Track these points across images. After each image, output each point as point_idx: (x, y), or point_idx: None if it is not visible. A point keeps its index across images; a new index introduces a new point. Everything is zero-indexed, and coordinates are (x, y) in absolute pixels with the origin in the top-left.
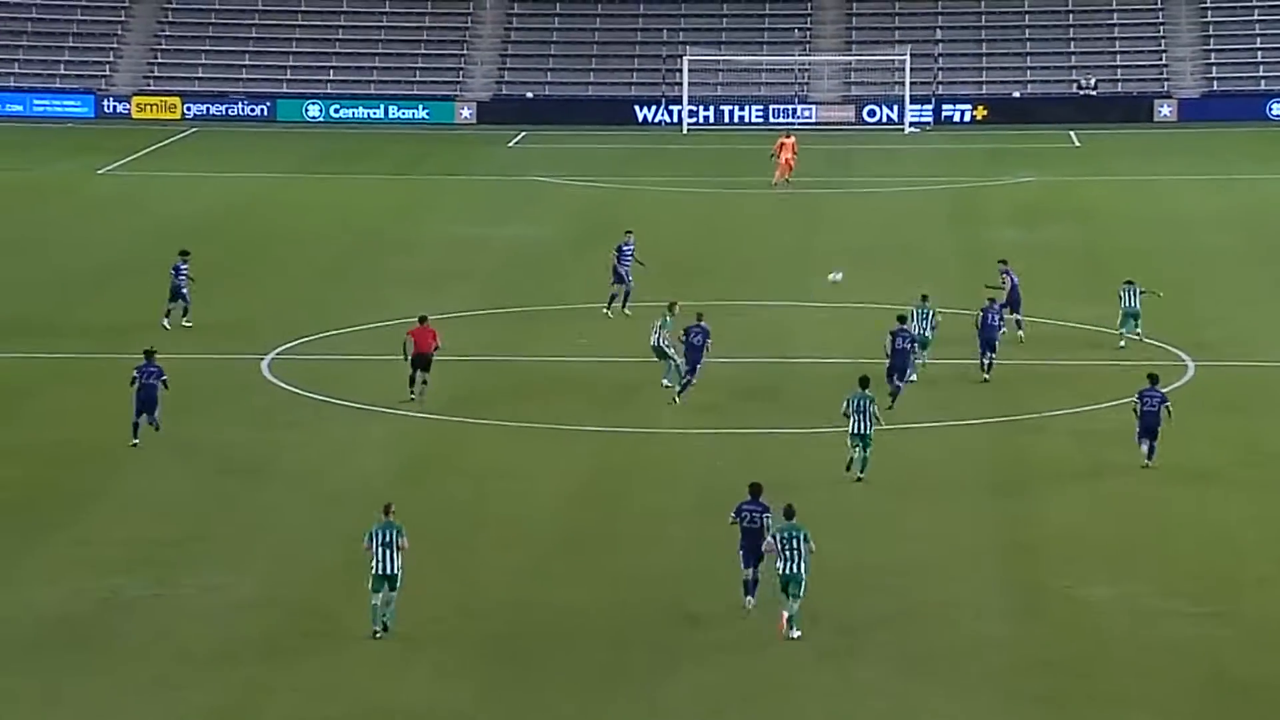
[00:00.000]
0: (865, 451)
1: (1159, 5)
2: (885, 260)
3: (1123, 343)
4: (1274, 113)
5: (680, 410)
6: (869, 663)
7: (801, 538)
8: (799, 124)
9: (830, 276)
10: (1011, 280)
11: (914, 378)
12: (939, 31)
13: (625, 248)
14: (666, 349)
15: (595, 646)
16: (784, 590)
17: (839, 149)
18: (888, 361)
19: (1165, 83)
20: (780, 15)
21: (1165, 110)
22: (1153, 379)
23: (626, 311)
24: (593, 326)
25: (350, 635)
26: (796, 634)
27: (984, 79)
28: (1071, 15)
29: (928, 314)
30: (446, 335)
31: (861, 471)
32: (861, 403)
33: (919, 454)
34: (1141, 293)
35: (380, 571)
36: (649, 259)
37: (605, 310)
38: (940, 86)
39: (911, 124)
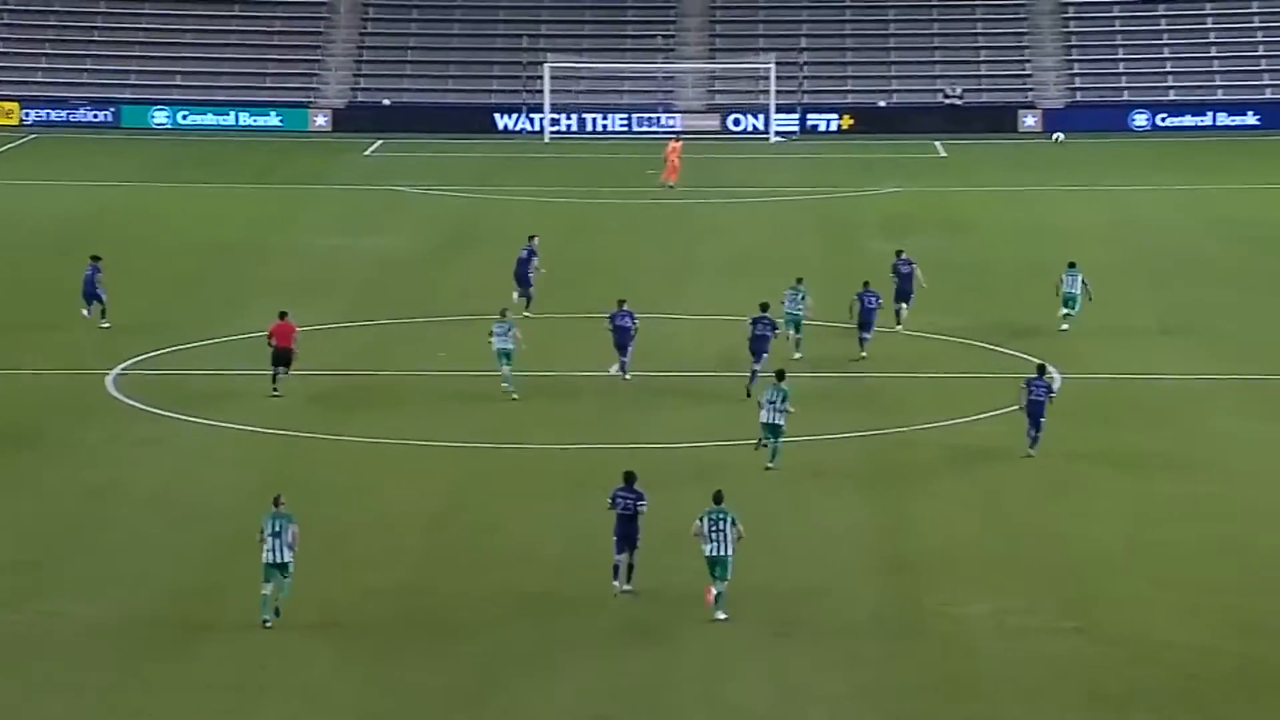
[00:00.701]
0: (776, 441)
1: (1023, 16)
2: (755, 270)
3: (1065, 325)
4: (1136, 124)
5: (549, 423)
6: (744, 682)
7: (729, 521)
8: (665, 132)
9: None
10: (906, 270)
11: (799, 355)
12: (804, 40)
13: (526, 251)
14: (507, 350)
15: (471, 639)
16: (711, 571)
17: (704, 158)
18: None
19: (1029, 93)
20: (643, 22)
21: (1030, 120)
22: (1040, 369)
23: (527, 313)
24: (453, 338)
25: (207, 656)
26: (722, 615)
27: (850, 88)
28: (936, 25)
29: (801, 296)
30: (305, 349)
31: (771, 460)
32: (774, 394)
33: (791, 470)
34: (1085, 285)
35: (270, 561)
36: (509, 269)
37: (525, 314)
38: (806, 96)
39: (777, 133)
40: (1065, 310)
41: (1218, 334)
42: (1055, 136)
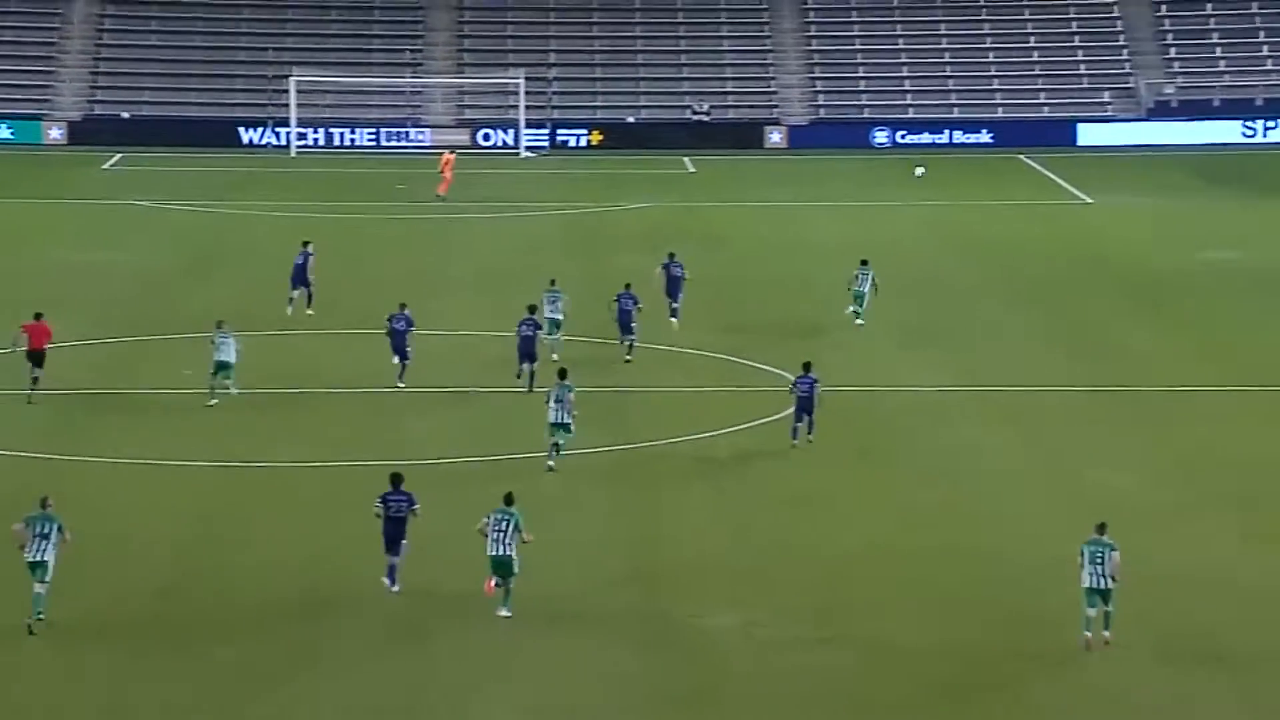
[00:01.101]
0: (566, 436)
1: (767, 35)
2: (506, 285)
3: (859, 320)
4: (877, 140)
5: (298, 443)
6: (494, 703)
7: (512, 523)
8: (414, 147)
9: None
10: (673, 272)
11: (556, 356)
12: (553, 55)
13: (302, 256)
14: (226, 362)
15: (226, 646)
16: (494, 570)
17: (455, 173)
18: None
19: (775, 110)
20: (389, 36)
21: (775, 137)
22: (806, 366)
23: (309, 311)
24: (196, 356)
25: None
26: (505, 612)
27: (599, 104)
28: (684, 42)
29: (557, 299)
30: (47, 367)
31: (559, 454)
32: (561, 393)
33: (539, 484)
34: (875, 284)
35: (32, 559)
36: (262, 284)
37: (307, 311)
38: (555, 111)
39: (527, 148)
40: (854, 307)
41: (956, 347)
42: (917, 171)
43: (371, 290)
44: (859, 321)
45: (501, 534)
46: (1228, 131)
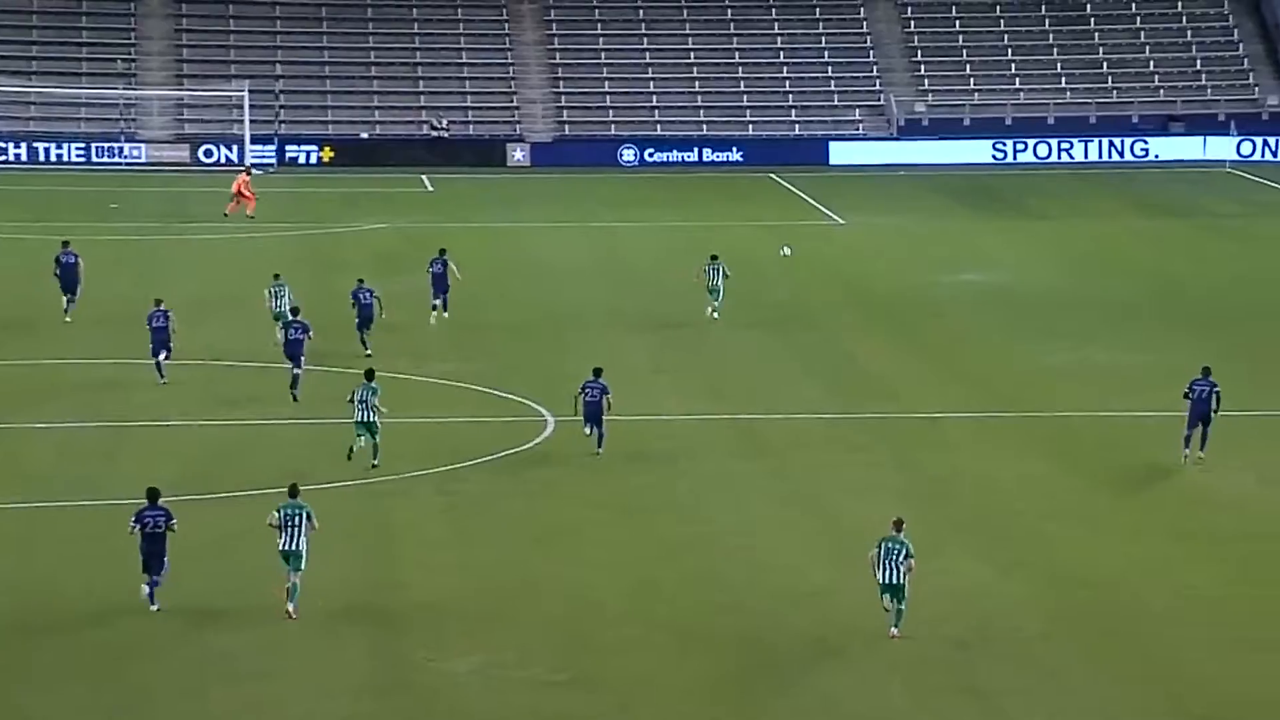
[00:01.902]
0: (375, 438)
1: (508, 45)
2: (229, 311)
3: (715, 315)
4: (625, 158)
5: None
6: None
7: (304, 516)
8: (128, 164)
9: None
10: (439, 269)
11: (298, 373)
12: (279, 66)
13: (69, 256)
14: None
15: None
16: (286, 562)
17: (174, 191)
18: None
19: (518, 126)
20: (100, 44)
21: (519, 154)
22: (596, 372)
23: (67, 319)
24: None
25: None
26: (291, 607)
27: (330, 119)
28: (420, 53)
29: (282, 290)
30: None
31: (375, 458)
32: (365, 393)
33: (265, 524)
34: (726, 275)
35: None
36: None
37: (65, 318)
38: (283, 126)
39: (253, 165)
40: (713, 303)
41: (707, 373)
42: (783, 250)
43: (80, 317)
44: (715, 316)
45: (296, 529)
46: (978, 151)
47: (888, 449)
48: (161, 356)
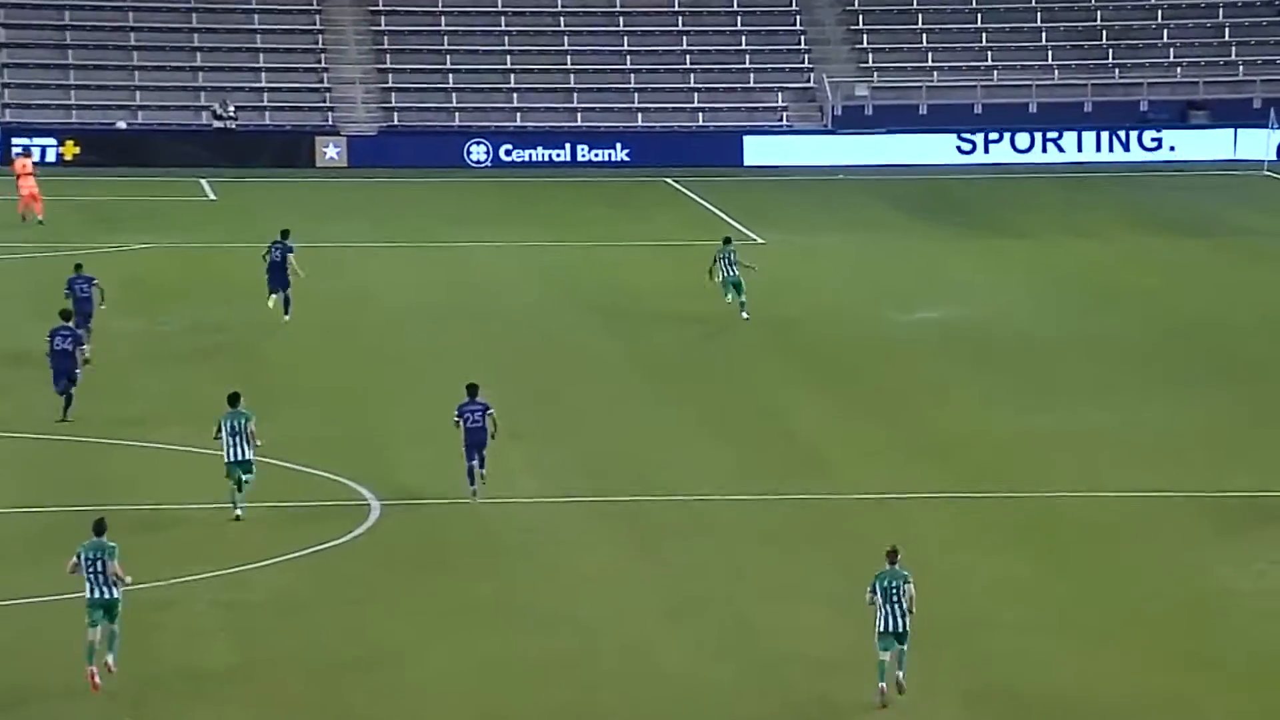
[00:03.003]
0: (246, 475)
1: (316, 7)
2: None
3: (744, 314)
4: (473, 158)
5: None
6: None
7: (109, 554)
8: None
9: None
10: (278, 256)
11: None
12: (2, 32)
13: None
14: None
15: None
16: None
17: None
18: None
19: (330, 114)
20: None
21: (332, 152)
22: (472, 390)
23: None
24: None
25: None
26: (111, 659)
27: (74, 102)
28: (197, 17)
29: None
30: None
31: (240, 492)
32: (236, 423)
33: None
34: (738, 262)
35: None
36: None
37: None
38: (8, 113)
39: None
40: (737, 297)
41: (580, 440)
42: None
43: None
44: (744, 316)
45: (98, 574)
46: (938, 148)
47: (819, 540)
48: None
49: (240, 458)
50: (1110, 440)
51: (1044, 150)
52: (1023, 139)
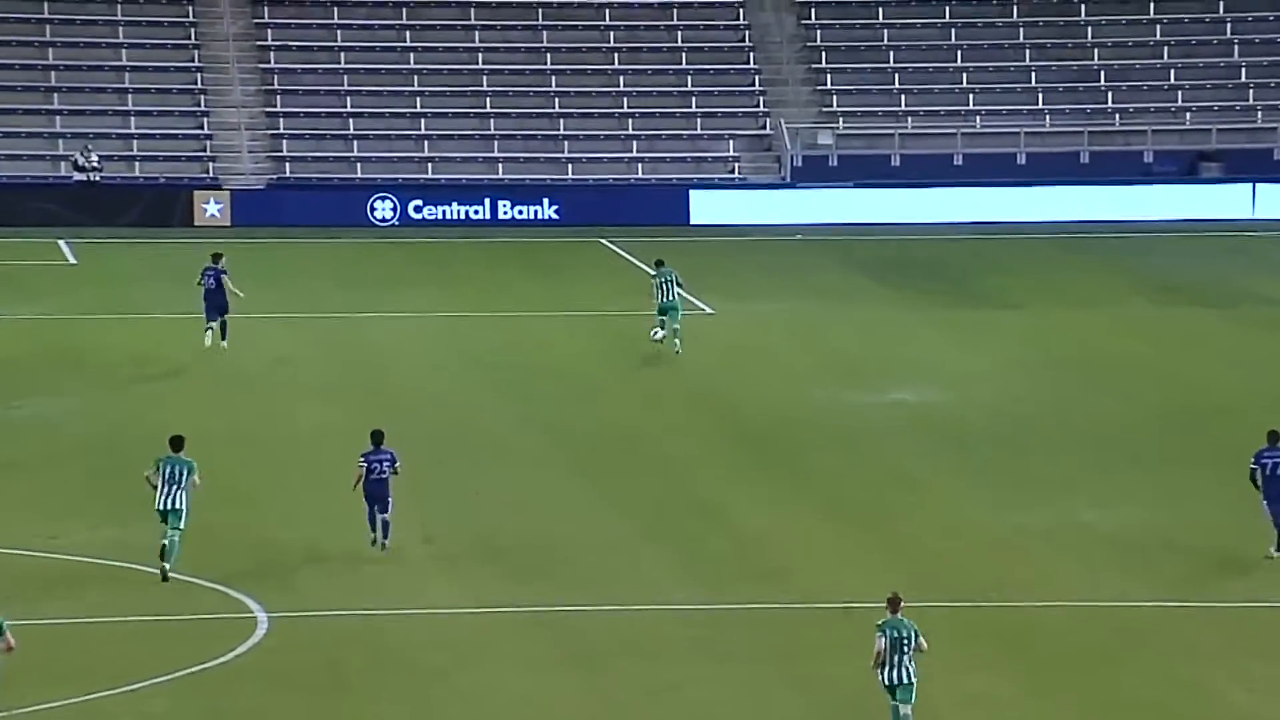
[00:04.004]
0: (178, 530)
1: (195, 42)
2: None
3: (678, 345)
4: (378, 216)
5: None
6: None
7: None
8: None
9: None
10: (211, 283)
11: None
12: None
13: None
14: None
15: None
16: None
17: None
18: None
19: (210, 164)
20: None
21: (212, 208)
22: (377, 438)
23: None
24: None
25: None
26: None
27: None
28: (54, 52)
29: None
30: None
31: (170, 558)
32: (175, 469)
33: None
34: (680, 284)
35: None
36: None
37: None
38: None
39: None
40: (664, 325)
41: (497, 541)
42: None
43: None
44: (677, 345)
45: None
46: (912, 205)
47: (775, 656)
48: None
49: (173, 506)
50: (1103, 540)
51: (1033, 211)
52: (1009, 194)
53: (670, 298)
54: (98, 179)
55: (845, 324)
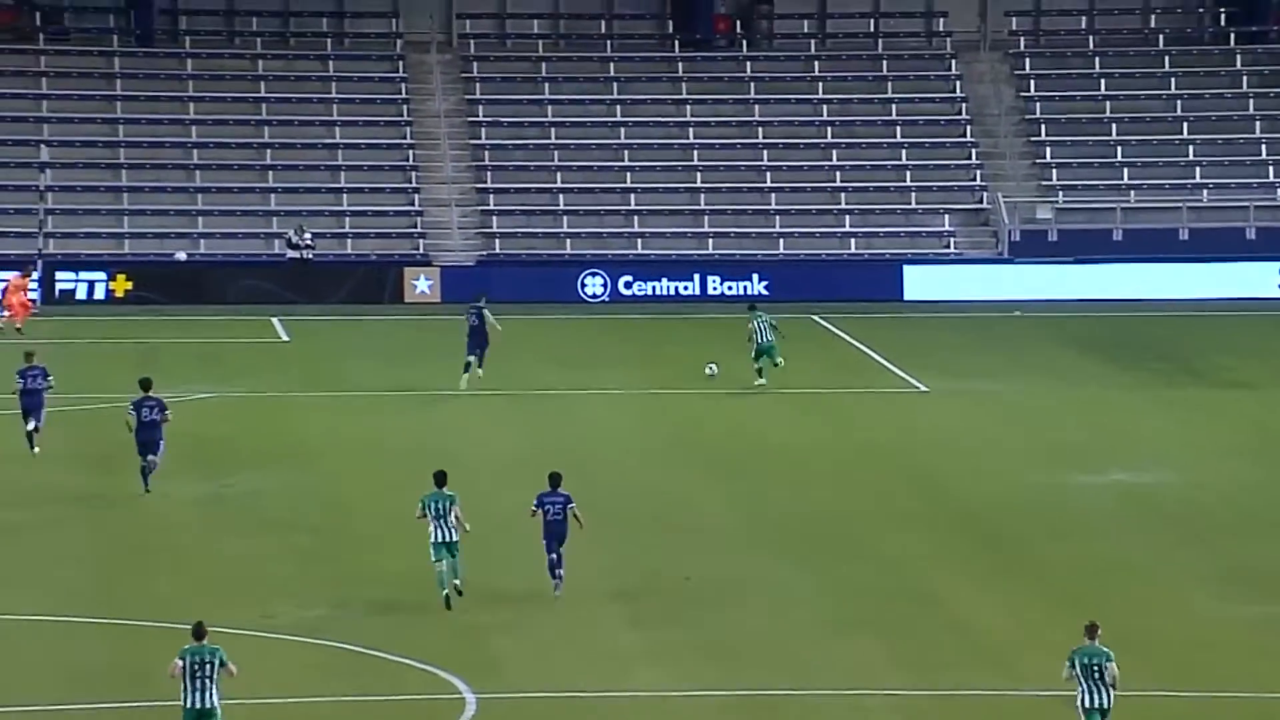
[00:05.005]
0: (455, 561)
1: (407, 119)
2: None
3: (761, 379)
4: (588, 291)
5: None
6: None
7: (449, 503)
8: None
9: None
10: (475, 320)
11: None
12: (44, 150)
13: None
14: None
15: None
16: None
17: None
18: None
19: (420, 241)
20: None
21: (422, 285)
22: (554, 479)
23: None
24: None
25: None
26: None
27: (126, 230)
28: (269, 130)
29: None
30: None
31: (457, 580)
32: (440, 505)
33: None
34: (775, 326)
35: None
36: None
37: None
38: (51, 243)
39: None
40: (768, 361)
41: (702, 619)
42: (709, 369)
43: None
44: (760, 380)
45: (205, 679)
46: (1135, 281)
47: None
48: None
49: (447, 539)
50: None
51: (1262, 284)
52: (1236, 270)
53: (768, 339)
54: (310, 256)
55: (1064, 403)
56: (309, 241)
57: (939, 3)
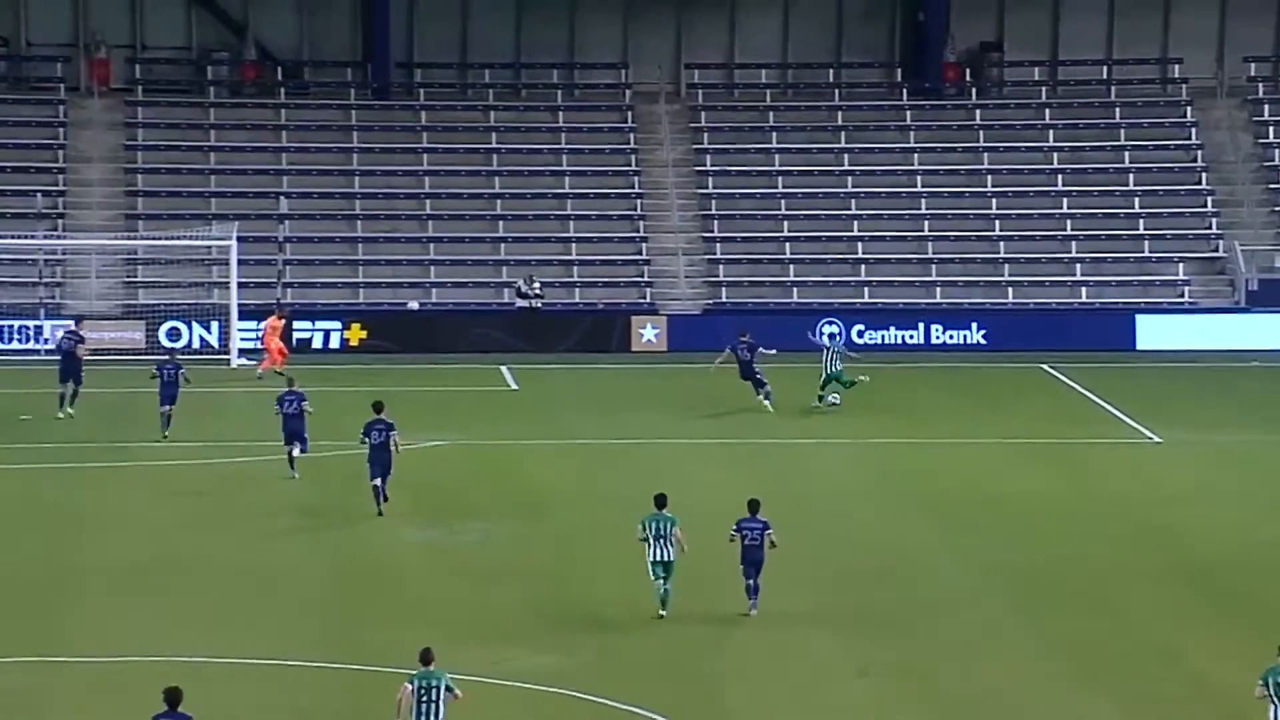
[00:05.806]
0: (668, 583)
1: (634, 168)
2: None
3: (836, 400)
4: (823, 340)
5: None
6: None
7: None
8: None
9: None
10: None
11: None
12: (283, 202)
13: None
14: None
15: None
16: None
17: (118, 394)
18: None
19: (648, 290)
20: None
21: (650, 334)
22: (752, 506)
23: None
24: None
25: None
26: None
27: (361, 279)
28: (500, 181)
29: None
30: None
31: (664, 607)
32: (661, 526)
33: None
34: (838, 351)
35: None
36: None
37: None
38: (291, 294)
39: (240, 353)
40: (833, 385)
41: (932, 675)
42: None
43: None
44: (833, 400)
45: (432, 703)
46: None
47: None
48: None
49: (665, 557)
50: None
51: None
52: None
53: (835, 368)
54: (540, 305)
55: None
56: (538, 290)
57: (1174, 49)
